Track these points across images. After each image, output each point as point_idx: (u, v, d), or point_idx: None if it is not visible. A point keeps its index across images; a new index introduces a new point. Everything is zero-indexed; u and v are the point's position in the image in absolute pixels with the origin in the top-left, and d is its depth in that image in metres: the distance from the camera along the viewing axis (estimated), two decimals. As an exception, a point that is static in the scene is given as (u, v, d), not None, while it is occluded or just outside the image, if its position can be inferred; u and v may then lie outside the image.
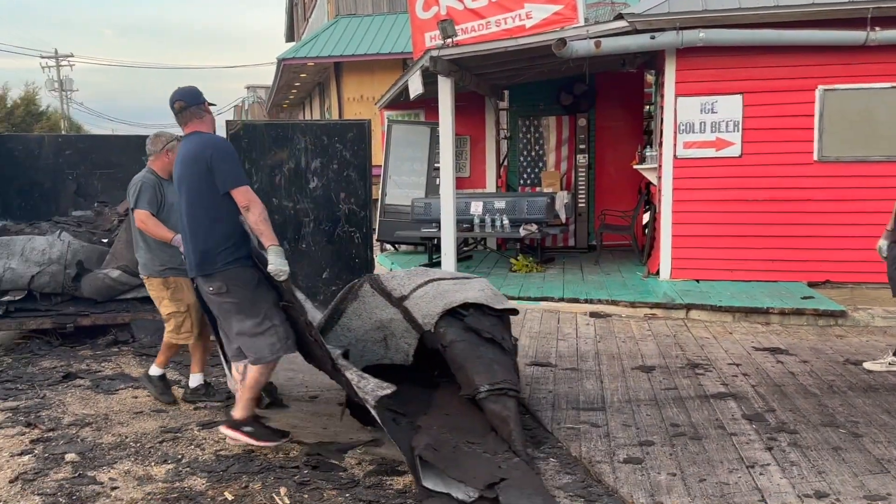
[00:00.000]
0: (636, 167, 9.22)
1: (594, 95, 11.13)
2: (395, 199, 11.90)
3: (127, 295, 6.48)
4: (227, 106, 42.34)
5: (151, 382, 4.92)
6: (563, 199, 9.90)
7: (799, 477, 3.57)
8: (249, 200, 3.83)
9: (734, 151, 7.81)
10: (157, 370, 4.93)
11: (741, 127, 7.77)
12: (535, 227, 9.29)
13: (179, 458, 4.00)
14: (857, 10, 7.19)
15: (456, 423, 4.00)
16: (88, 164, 6.90)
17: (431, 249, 10.27)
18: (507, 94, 12.11)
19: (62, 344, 6.50)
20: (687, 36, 7.43)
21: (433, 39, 9.81)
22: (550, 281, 8.53)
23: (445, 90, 8.63)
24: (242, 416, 4.02)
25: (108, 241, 6.87)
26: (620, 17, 7.64)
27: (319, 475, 3.71)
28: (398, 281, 4.55)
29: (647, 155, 8.97)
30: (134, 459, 4.02)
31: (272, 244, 3.83)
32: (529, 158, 11.66)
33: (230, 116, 41.36)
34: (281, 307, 3.99)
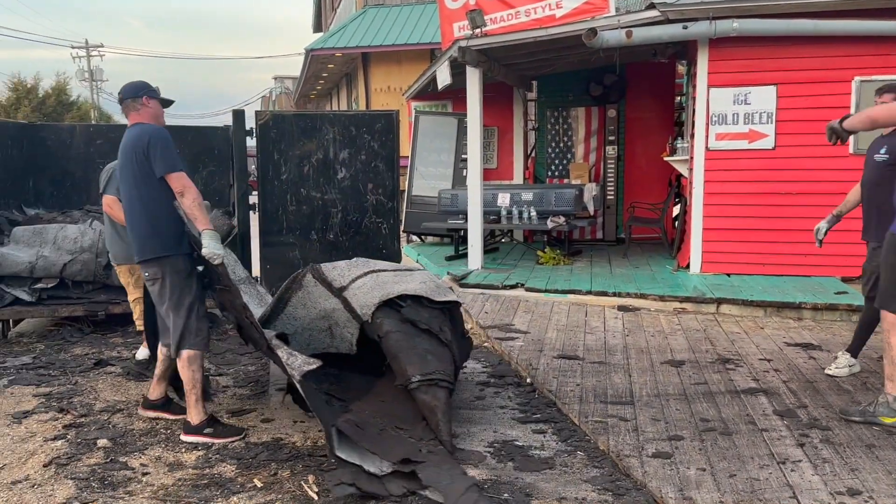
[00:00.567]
0: (667, 159, 9.11)
1: (624, 86, 11.01)
2: (421, 190, 11.90)
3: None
4: (254, 96, 42.69)
5: (136, 365, 5.24)
6: (591, 190, 9.83)
7: (831, 474, 3.51)
8: (184, 186, 4.00)
9: (767, 143, 7.68)
10: (143, 352, 5.26)
11: (775, 118, 7.64)
12: (562, 219, 9.23)
13: (209, 444, 4.04)
14: (895, -1, 7.03)
15: (390, 409, 4.14)
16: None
17: (458, 241, 10.25)
18: (535, 84, 12.02)
19: (93, 331, 6.61)
20: (720, 26, 7.31)
21: (462, 29, 9.78)
22: (578, 274, 8.47)
23: (474, 81, 8.59)
24: (197, 420, 4.14)
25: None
26: (652, 6, 7.53)
27: (347, 465, 3.72)
28: (338, 272, 4.64)
29: (678, 146, 8.86)
30: (164, 446, 4.07)
31: (206, 228, 3.98)
32: (558, 150, 11.58)
33: (258, 107, 41.68)
34: (218, 290, 4.23)
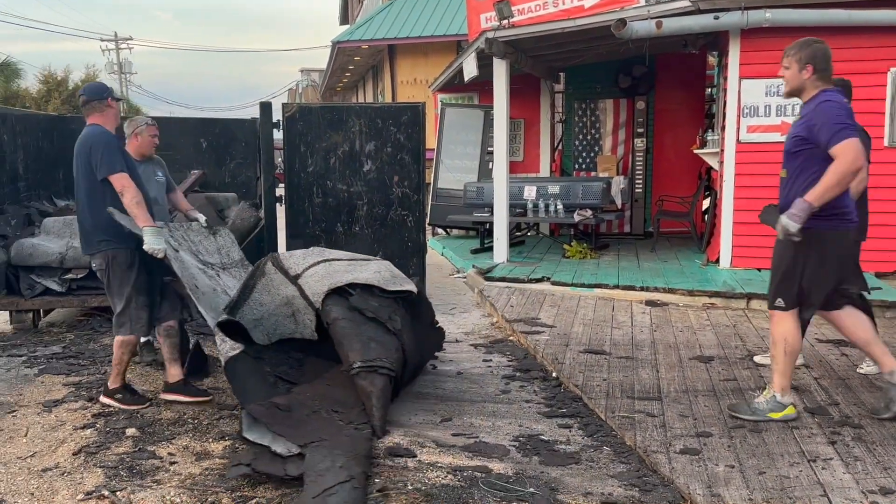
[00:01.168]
0: (696, 152, 8.99)
1: (654, 78, 10.88)
2: (447, 182, 11.88)
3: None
4: (281, 89, 42.96)
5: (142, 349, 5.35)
6: (619, 184, 9.72)
7: (863, 472, 3.44)
8: (123, 186, 4.30)
9: (800, 136, 7.53)
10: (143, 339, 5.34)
11: (808, 110, 7.49)
12: (589, 212, 9.16)
13: (237, 434, 4.07)
14: (934, -13, 6.85)
15: (332, 393, 4.25)
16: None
17: (483, 234, 10.22)
18: (563, 76, 11.92)
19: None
20: (752, 16, 7.18)
21: (489, 21, 9.71)
22: (605, 267, 8.40)
23: (501, 73, 8.54)
24: (113, 385, 4.56)
25: (167, 221, 6.99)
26: (683, -4, 7.43)
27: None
28: (294, 260, 4.82)
29: (708, 139, 8.73)
30: (192, 435, 4.10)
31: (146, 225, 4.30)
32: (585, 142, 11.48)
33: (284, 100, 41.85)
34: (168, 282, 4.62)
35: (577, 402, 4.58)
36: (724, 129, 7.96)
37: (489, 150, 10.88)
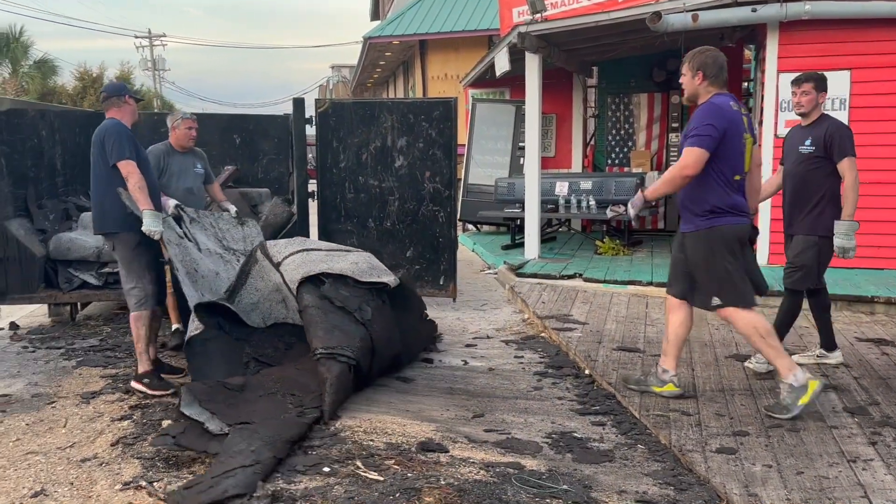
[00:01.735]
0: (732, 147, 8.85)
1: (689, 72, 10.73)
2: (477, 178, 11.85)
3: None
4: (312, 85, 43.22)
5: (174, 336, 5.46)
6: (653, 179, 9.62)
7: (906, 475, 3.37)
8: (128, 172, 4.67)
9: (840, 131, 7.38)
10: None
11: (848, 105, 7.33)
12: (622, 208, 9.04)
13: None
14: (982, -23, 6.66)
15: (299, 377, 4.41)
16: (184, 140, 7.10)
17: (514, 230, 10.18)
18: (596, 70, 11.82)
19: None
20: (791, 8, 7.05)
21: (521, 15, 9.66)
22: (638, 264, 8.31)
23: (533, 67, 8.49)
24: (141, 370, 4.80)
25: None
26: (719, -12, 7.31)
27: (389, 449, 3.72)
28: (278, 248, 5.05)
29: (744, 134, 8.58)
30: (225, 428, 4.13)
31: (146, 208, 4.66)
32: (618, 137, 11.37)
33: (315, 96, 42.10)
34: (162, 265, 4.88)
35: (610, 399, 4.54)
36: (761, 123, 7.83)
37: (520, 145, 10.84)
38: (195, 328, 4.63)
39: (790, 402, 4.06)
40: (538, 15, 8.44)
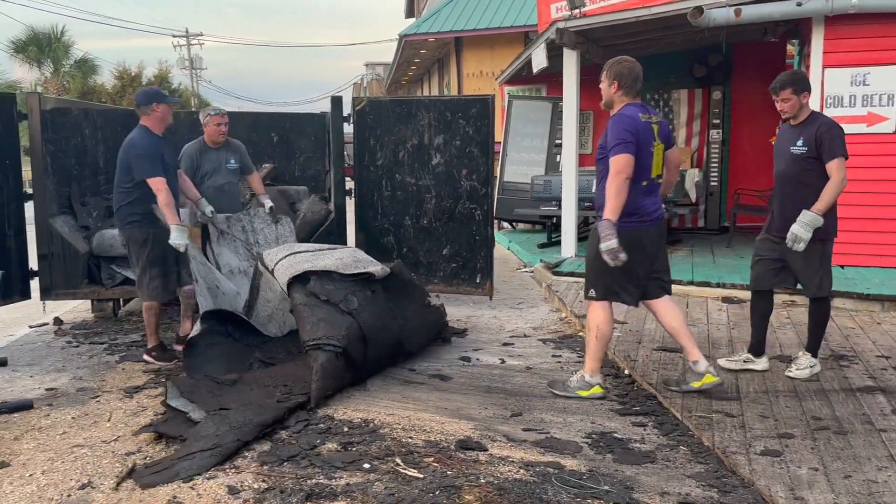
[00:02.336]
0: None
1: (730, 67, 10.55)
2: (513, 176, 11.78)
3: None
4: (346, 83, 43.42)
5: None
6: (693, 177, 9.48)
7: (960, 480, 3.27)
8: (157, 189, 5.06)
9: (888, 127, 7.18)
10: None
11: (896, 100, 7.15)
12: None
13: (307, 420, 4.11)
14: None
15: (295, 370, 4.69)
16: (222, 138, 7.17)
17: (550, 228, 10.12)
18: (634, 67, 11.66)
19: (196, 311, 6.83)
20: (837, 2, 6.87)
21: (559, 11, 9.57)
22: (678, 263, 8.19)
23: (571, 63, 8.41)
24: (150, 344, 5.42)
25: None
26: (763, -18, 7.16)
27: (427, 447, 3.71)
28: (270, 257, 5.24)
29: (787, 131, 8.41)
30: (265, 424, 4.15)
31: (173, 223, 5.09)
32: (657, 134, 11.21)
33: (349, 94, 42.29)
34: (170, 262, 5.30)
35: (651, 400, 4.48)
36: (805, 119, 7.65)
37: (556, 142, 10.75)
38: (197, 330, 5.02)
39: (574, 385, 4.51)
40: (577, 11, 8.35)
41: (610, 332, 4.49)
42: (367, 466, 3.48)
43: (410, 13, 32.39)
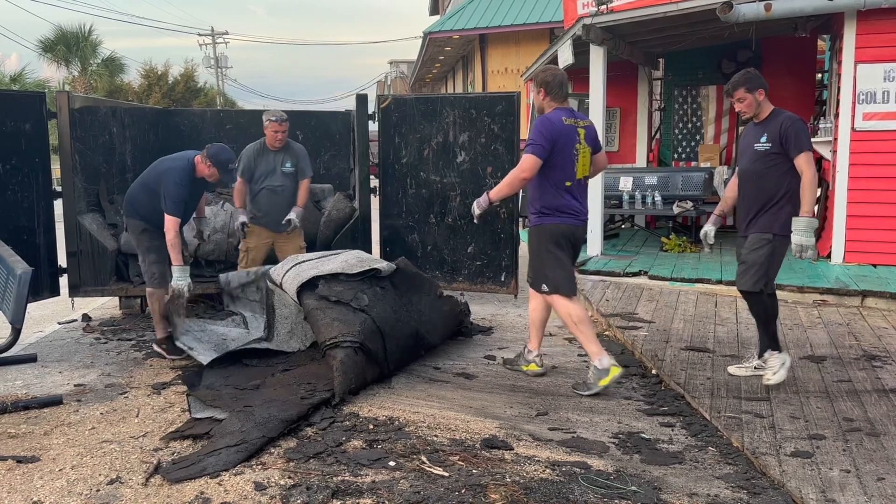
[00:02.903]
0: (806, 140, 8.54)
1: (760, 63, 10.36)
2: (538, 173, 11.69)
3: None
4: (370, 81, 43.51)
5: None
6: (722, 174, 9.34)
7: None
8: (168, 228, 5.22)
9: (922, 123, 7.04)
10: None
11: (930, 96, 6.99)
12: (689, 204, 8.85)
13: (333, 418, 4.11)
14: None
15: (317, 370, 4.76)
16: (248, 138, 7.19)
17: (577, 225, 10.02)
18: (662, 62, 11.53)
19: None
20: (870, -4, 6.75)
21: (585, 7, 9.50)
22: (706, 262, 8.10)
23: (598, 60, 8.34)
24: (159, 336, 5.52)
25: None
26: (793, -24, 7.04)
27: (447, 442, 3.69)
28: (276, 272, 5.31)
29: (820, 127, 8.26)
30: (291, 421, 4.16)
31: (177, 265, 5.26)
32: (685, 131, 11.09)
33: (373, 91, 42.42)
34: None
35: (678, 400, 4.42)
36: (837, 116, 7.52)
37: (583, 139, 10.65)
38: (210, 354, 5.14)
39: (593, 381, 4.50)
40: (603, 6, 8.28)
41: (583, 311, 4.64)
42: (392, 464, 3.48)
43: (435, 10, 32.39)
